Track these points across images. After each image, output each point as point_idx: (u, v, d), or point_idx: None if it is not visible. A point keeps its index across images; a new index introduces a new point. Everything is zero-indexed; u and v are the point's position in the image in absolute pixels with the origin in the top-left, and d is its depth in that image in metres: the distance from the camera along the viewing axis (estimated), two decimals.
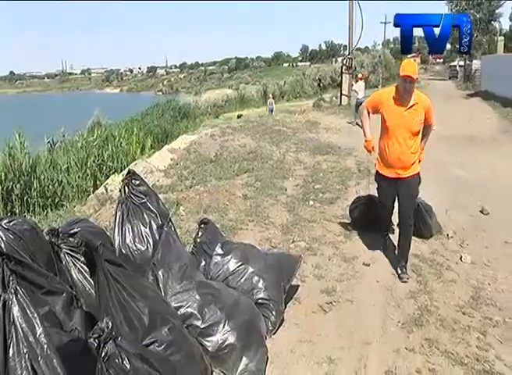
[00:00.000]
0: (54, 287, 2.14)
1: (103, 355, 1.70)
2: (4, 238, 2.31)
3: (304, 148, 9.53)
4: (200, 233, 3.37)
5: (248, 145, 9.30)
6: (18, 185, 5.80)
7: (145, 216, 3.16)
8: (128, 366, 1.72)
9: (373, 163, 4.10)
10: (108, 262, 2.27)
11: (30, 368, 1.47)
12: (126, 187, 3.28)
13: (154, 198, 3.38)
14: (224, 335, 2.50)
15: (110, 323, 1.72)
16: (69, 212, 5.35)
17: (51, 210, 5.71)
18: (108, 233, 3.21)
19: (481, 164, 7.54)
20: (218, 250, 3.18)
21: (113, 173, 7.12)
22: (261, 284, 3.04)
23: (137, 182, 3.33)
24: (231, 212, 5.10)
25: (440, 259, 4.06)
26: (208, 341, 2.49)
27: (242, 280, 3.05)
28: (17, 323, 1.52)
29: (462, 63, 32.20)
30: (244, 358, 2.48)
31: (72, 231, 2.71)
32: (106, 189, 5.54)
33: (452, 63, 39.56)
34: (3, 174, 5.76)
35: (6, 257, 1.72)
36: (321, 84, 31.61)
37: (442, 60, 54.47)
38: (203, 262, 3.16)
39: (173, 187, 5.95)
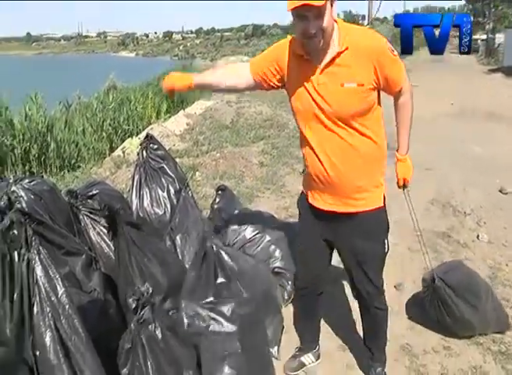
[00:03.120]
0: (73, 248, 2.14)
1: (138, 318, 1.71)
2: (25, 198, 2.31)
3: None
4: (217, 200, 3.36)
5: (264, 113, 9.18)
6: (35, 145, 5.81)
7: (163, 180, 3.15)
8: (160, 336, 1.73)
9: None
10: (129, 225, 2.27)
11: (53, 326, 1.48)
12: (144, 151, 3.26)
13: (172, 162, 3.36)
14: None
15: (150, 289, 1.74)
16: (86, 173, 5.37)
17: (68, 171, 5.74)
18: (125, 196, 3.20)
19: (500, 142, 7.33)
20: (235, 217, 3.16)
21: (129, 136, 7.10)
22: (277, 253, 3.02)
23: (155, 146, 3.31)
24: (247, 179, 5.07)
25: (457, 236, 3.96)
26: None
27: (258, 248, 3.04)
28: (40, 283, 1.51)
29: (484, 37, 30.98)
30: None
31: (90, 193, 2.70)
32: (124, 152, 5.53)
33: (473, 36, 38.01)
34: (21, 134, 5.76)
35: (28, 216, 1.70)
36: None
37: None
38: (220, 229, 3.16)
39: (189, 152, 5.93)
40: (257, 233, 3.09)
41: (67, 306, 1.52)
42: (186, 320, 2.05)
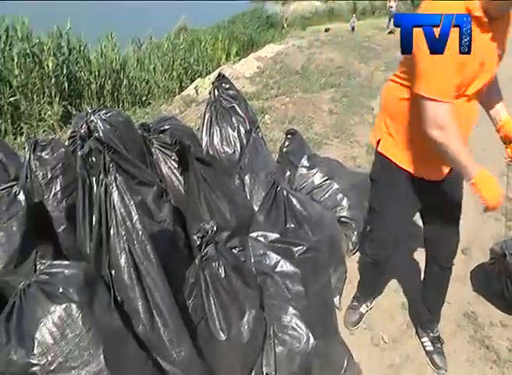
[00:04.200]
0: (146, 178, 2.16)
1: (202, 255, 1.73)
2: (102, 128, 2.35)
3: (395, 67, 8.87)
4: (286, 143, 3.29)
5: (336, 60, 8.85)
6: (109, 81, 5.99)
7: (233, 120, 3.10)
8: (223, 275, 1.74)
9: None
10: (199, 161, 2.26)
11: (127, 249, 1.52)
12: (216, 90, 3.21)
13: (243, 103, 3.29)
14: None
15: (215, 227, 1.73)
16: (156, 110, 5.46)
17: (139, 107, 5.90)
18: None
19: None
20: (305, 162, 3.09)
21: (198, 76, 7.10)
22: (344, 202, 2.94)
23: (227, 86, 3.24)
24: (316, 126, 4.93)
25: None
26: None
27: (326, 195, 2.97)
28: (116, 208, 1.55)
29: None
30: None
31: (162, 128, 2.71)
32: (196, 90, 5.55)
33: None
34: (96, 71, 5.95)
35: (105, 145, 1.73)
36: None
37: None
38: (288, 173, 3.11)
39: (258, 96, 5.84)
40: (326, 180, 3.01)
41: (140, 232, 1.55)
42: (252, 259, 2.05)
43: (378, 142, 1.91)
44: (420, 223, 2.09)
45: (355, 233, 2.90)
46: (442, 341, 2.25)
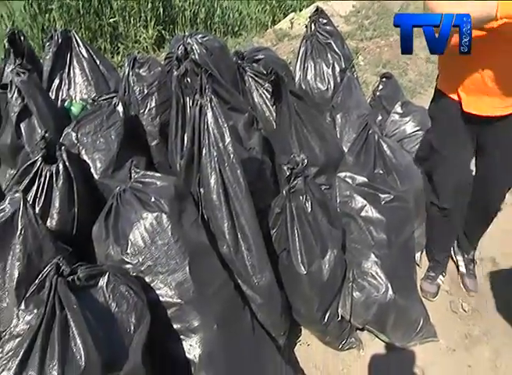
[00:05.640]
0: (238, 105, 2.13)
1: (290, 186, 1.70)
2: (198, 51, 2.33)
3: None
4: (380, 87, 3.10)
5: None
6: (203, 9, 5.93)
7: (329, 56, 2.95)
8: (309, 209, 1.71)
9: None
10: (292, 94, 2.19)
11: (217, 170, 1.52)
12: (313, 24, 3.07)
13: (340, 40, 3.12)
14: None
15: (306, 161, 1.68)
16: (248, 41, 5.36)
17: (231, 37, 5.82)
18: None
19: None
20: (398, 109, 2.90)
21: (292, 11, 6.81)
22: None
23: (325, 21, 3.08)
24: (411, 73, 4.59)
25: None
26: None
27: (416, 146, 2.80)
28: (210, 128, 1.54)
29: None
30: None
31: (256, 57, 2.65)
32: (291, 23, 5.37)
33: None
34: None
35: (200, 68, 1.70)
36: None
37: None
38: (379, 117, 2.94)
39: (352, 36, 5.51)
40: (418, 130, 2.83)
41: (231, 155, 1.54)
42: (338, 200, 1.99)
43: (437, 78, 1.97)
44: None
45: None
46: (476, 262, 2.31)
